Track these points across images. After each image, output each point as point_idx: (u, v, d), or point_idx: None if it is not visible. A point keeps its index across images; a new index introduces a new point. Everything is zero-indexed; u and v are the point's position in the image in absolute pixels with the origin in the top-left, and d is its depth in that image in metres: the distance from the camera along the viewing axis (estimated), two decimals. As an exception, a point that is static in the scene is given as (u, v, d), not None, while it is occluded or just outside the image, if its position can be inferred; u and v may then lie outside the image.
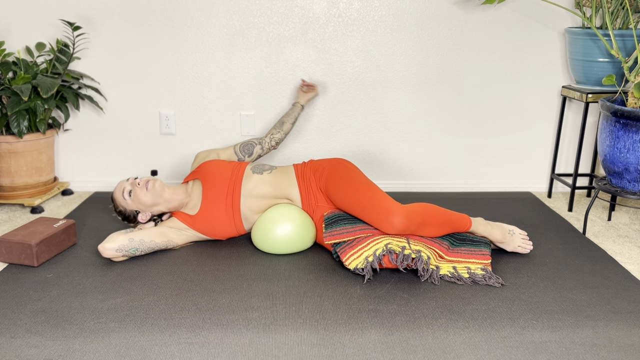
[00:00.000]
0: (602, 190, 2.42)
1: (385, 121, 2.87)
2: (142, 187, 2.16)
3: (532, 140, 2.92)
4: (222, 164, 2.31)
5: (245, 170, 2.27)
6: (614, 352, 1.56)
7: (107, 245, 2.03)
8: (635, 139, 2.19)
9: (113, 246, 2.04)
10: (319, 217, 2.18)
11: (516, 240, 2.16)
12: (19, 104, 2.43)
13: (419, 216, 1.98)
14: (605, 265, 2.10)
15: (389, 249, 1.90)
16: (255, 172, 2.26)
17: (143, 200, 2.16)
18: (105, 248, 2.03)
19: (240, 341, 1.60)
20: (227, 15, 2.71)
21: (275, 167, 2.31)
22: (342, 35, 2.75)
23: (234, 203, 2.19)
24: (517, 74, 2.83)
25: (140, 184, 2.17)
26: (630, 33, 2.46)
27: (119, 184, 2.22)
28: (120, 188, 2.19)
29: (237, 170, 2.27)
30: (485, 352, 1.56)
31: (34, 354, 1.54)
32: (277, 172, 2.28)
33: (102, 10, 2.69)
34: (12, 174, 2.58)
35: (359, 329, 1.66)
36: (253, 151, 2.45)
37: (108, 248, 2.03)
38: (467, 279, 1.94)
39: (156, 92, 2.81)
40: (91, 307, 1.77)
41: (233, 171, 2.26)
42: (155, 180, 2.19)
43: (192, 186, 2.29)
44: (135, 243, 2.07)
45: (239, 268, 2.05)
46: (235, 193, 2.20)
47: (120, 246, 2.04)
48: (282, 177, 2.25)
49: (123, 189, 2.18)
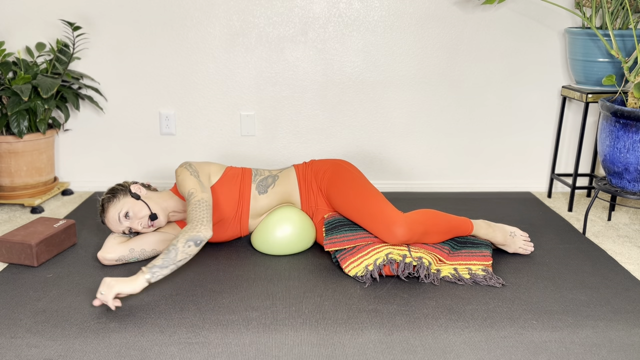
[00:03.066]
0: (602, 190, 2.42)
1: (385, 121, 2.87)
2: (147, 229, 2.05)
3: (532, 141, 2.92)
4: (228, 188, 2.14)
5: (251, 192, 2.17)
6: (614, 352, 1.56)
7: (107, 256, 2.02)
8: (635, 139, 2.19)
9: (113, 257, 2.02)
10: (319, 218, 2.17)
11: (517, 242, 2.16)
12: (19, 104, 2.43)
13: (422, 226, 1.97)
14: (605, 265, 2.09)
15: (390, 259, 1.90)
16: (261, 192, 2.17)
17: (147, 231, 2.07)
18: (105, 259, 2.02)
19: (240, 341, 1.60)
20: (227, 15, 2.71)
21: (277, 177, 2.22)
22: (342, 35, 2.75)
23: (242, 225, 2.17)
24: (517, 74, 2.83)
25: (143, 224, 2.03)
26: (630, 33, 2.46)
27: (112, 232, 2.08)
28: (118, 231, 2.05)
29: (243, 193, 2.16)
30: (485, 352, 1.56)
31: (34, 354, 1.54)
32: (280, 182, 2.20)
33: (102, 10, 2.69)
34: (12, 174, 2.58)
35: (359, 329, 1.66)
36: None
37: (108, 259, 2.02)
38: (468, 280, 1.94)
39: (156, 92, 2.81)
40: (91, 307, 1.77)
41: (239, 197, 2.15)
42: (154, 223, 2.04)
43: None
44: (136, 253, 2.05)
45: (239, 268, 2.05)
46: (244, 217, 2.16)
47: (121, 257, 2.03)
48: (285, 186, 2.20)
49: (122, 231, 2.05)
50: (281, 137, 2.89)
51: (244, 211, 2.16)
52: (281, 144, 2.90)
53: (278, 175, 2.23)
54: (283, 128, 2.88)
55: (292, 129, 2.88)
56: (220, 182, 2.13)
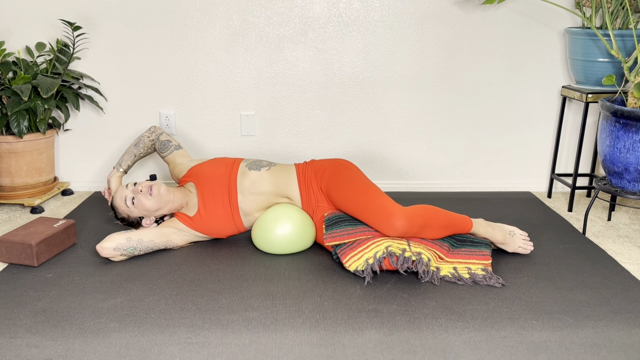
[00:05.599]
0: (602, 190, 2.42)
1: (385, 121, 2.87)
2: (146, 194, 2.13)
3: (532, 140, 2.93)
4: (214, 163, 2.28)
5: (240, 166, 2.25)
6: (614, 352, 1.56)
7: (104, 245, 2.03)
8: (635, 139, 2.19)
9: (111, 245, 2.03)
10: (319, 217, 2.18)
11: (517, 241, 2.16)
12: (19, 104, 2.43)
13: (421, 219, 1.98)
14: (605, 265, 2.10)
15: (390, 252, 1.90)
16: (252, 168, 2.24)
17: (148, 206, 2.14)
18: (103, 247, 2.03)
19: (240, 341, 1.60)
20: (227, 15, 2.71)
21: (274, 164, 2.28)
22: (342, 35, 2.75)
23: (231, 200, 2.19)
24: (517, 74, 2.83)
25: (143, 191, 2.14)
26: (630, 33, 2.46)
27: (119, 191, 2.18)
28: (122, 196, 2.16)
29: (230, 167, 2.25)
30: (485, 352, 1.56)
31: (34, 354, 1.54)
32: (277, 169, 2.25)
33: (102, 10, 2.70)
34: (12, 174, 2.58)
35: (359, 329, 1.66)
36: (167, 143, 2.44)
37: (106, 247, 2.03)
38: (468, 279, 1.94)
39: (156, 92, 2.81)
40: (91, 307, 1.77)
41: (226, 169, 2.24)
42: (160, 186, 2.16)
43: (189, 187, 2.27)
44: (134, 242, 2.07)
45: (239, 268, 2.05)
46: (232, 190, 2.19)
47: (118, 245, 2.04)
48: (283, 175, 2.24)
49: (125, 197, 2.14)
50: (281, 137, 2.89)
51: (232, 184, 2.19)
52: (281, 144, 2.90)
53: (275, 164, 2.29)
54: (283, 128, 2.88)
55: (292, 129, 2.88)
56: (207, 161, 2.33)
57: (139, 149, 2.42)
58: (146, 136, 2.43)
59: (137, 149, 2.41)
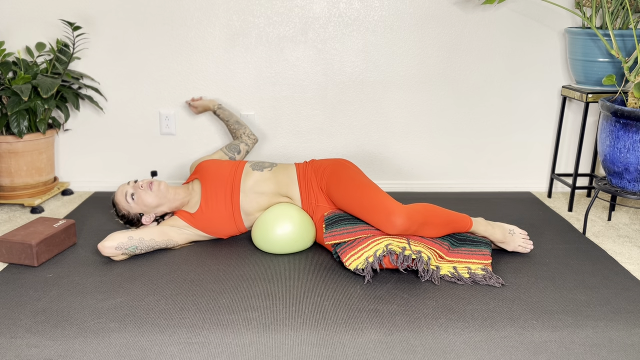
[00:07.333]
0: (602, 190, 2.42)
1: (385, 121, 2.87)
2: (146, 189, 2.16)
3: (532, 140, 2.93)
4: (220, 162, 2.31)
5: (245, 167, 2.28)
6: (614, 352, 1.56)
7: (106, 244, 2.03)
8: (635, 139, 2.19)
9: (112, 244, 2.04)
10: (319, 217, 2.18)
11: (516, 240, 2.16)
12: (19, 104, 2.43)
13: (420, 216, 1.98)
14: (605, 265, 2.10)
15: (390, 250, 1.90)
16: (255, 169, 2.27)
17: (148, 202, 2.16)
18: (104, 246, 2.03)
19: (240, 341, 1.60)
20: (227, 15, 2.71)
21: (275, 165, 2.31)
22: (342, 35, 2.75)
23: (233, 199, 2.19)
24: (517, 74, 2.83)
25: (144, 186, 2.17)
26: (630, 33, 2.46)
27: (120, 187, 2.21)
28: (123, 192, 2.19)
29: (235, 167, 2.28)
30: (485, 352, 1.56)
31: (34, 354, 1.54)
32: (278, 169, 2.28)
33: (102, 10, 2.70)
34: (12, 174, 2.58)
35: (359, 329, 1.66)
36: (240, 148, 2.52)
37: (107, 246, 2.03)
38: (468, 279, 1.94)
39: (156, 92, 2.81)
40: (91, 307, 1.77)
41: (232, 168, 2.27)
42: (160, 182, 2.19)
43: (192, 186, 2.29)
44: (135, 241, 2.07)
45: (239, 268, 2.05)
46: (235, 189, 2.20)
47: (120, 244, 2.04)
48: (284, 175, 2.25)
49: (125, 193, 2.17)
50: (281, 137, 2.89)
51: (235, 183, 2.21)
52: (281, 144, 2.90)
53: (277, 164, 2.32)
54: (283, 128, 2.88)
55: (292, 129, 2.88)
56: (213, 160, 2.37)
57: (236, 122, 2.61)
58: (248, 134, 2.59)
59: (238, 123, 2.62)
